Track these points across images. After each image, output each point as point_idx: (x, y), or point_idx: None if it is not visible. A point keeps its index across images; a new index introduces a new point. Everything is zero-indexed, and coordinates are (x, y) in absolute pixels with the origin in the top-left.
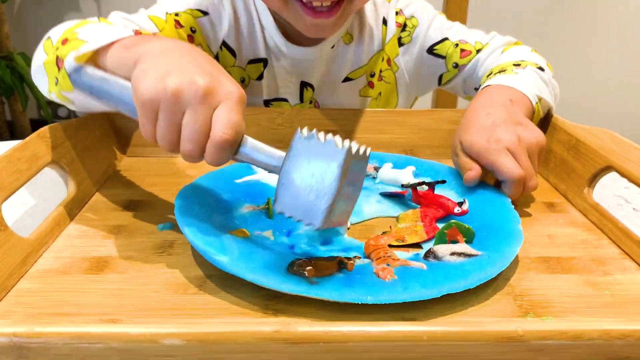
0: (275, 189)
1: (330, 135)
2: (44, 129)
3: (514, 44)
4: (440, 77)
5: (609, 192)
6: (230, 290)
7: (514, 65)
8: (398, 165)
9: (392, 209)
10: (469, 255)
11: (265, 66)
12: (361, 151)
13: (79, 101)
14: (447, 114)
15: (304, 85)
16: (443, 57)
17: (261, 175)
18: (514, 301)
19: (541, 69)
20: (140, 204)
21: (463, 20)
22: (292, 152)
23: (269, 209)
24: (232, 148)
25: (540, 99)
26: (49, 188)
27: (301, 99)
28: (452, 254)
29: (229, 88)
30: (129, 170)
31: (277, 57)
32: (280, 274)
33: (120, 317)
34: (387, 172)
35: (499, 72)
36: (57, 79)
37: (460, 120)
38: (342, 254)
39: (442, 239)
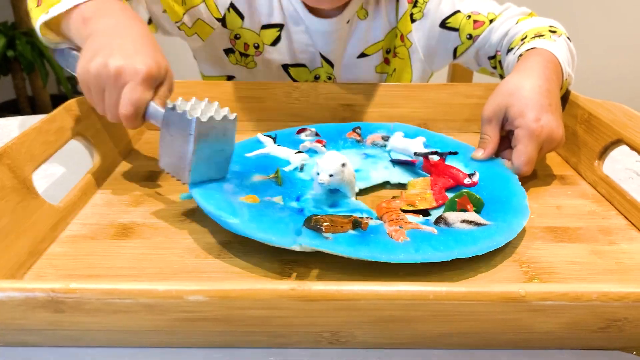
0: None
1: (192, 103)
2: (70, 102)
3: (528, 15)
4: (455, 50)
5: (620, 165)
6: (249, 255)
7: (550, 31)
8: (408, 135)
9: (400, 175)
10: (479, 224)
11: (281, 31)
12: (221, 114)
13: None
14: (461, 88)
15: (322, 56)
16: (456, 30)
17: (271, 149)
18: (520, 268)
19: (569, 39)
20: (162, 175)
21: None
22: (164, 121)
23: (279, 177)
24: (136, 118)
25: (568, 76)
26: (75, 159)
27: (321, 65)
28: (463, 221)
29: (136, 67)
30: (150, 143)
31: (296, 23)
32: (290, 233)
33: (146, 279)
34: (398, 140)
35: (537, 36)
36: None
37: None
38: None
39: (452, 206)
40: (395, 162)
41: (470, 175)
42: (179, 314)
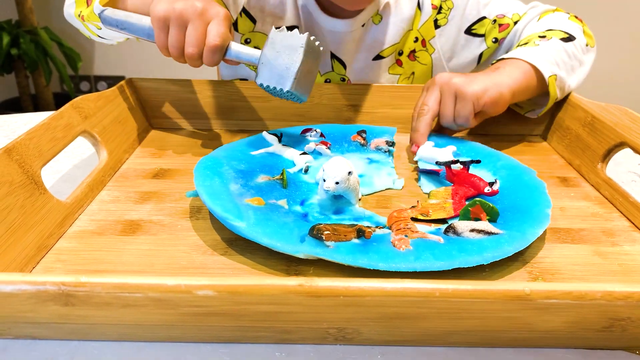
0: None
1: (296, 30)
2: (77, 100)
3: (551, 12)
4: (480, 55)
5: (624, 168)
6: (255, 252)
7: (539, 37)
8: (439, 145)
9: (402, 182)
10: (489, 233)
11: None
12: (317, 43)
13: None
14: None
15: (333, 57)
16: (482, 36)
17: (276, 148)
18: (524, 268)
19: (570, 38)
20: (168, 173)
21: None
22: (269, 42)
23: (284, 179)
24: (221, 51)
25: (555, 76)
26: (82, 156)
27: (332, 69)
28: (472, 230)
29: (218, 9)
30: (155, 141)
31: (310, 26)
32: (295, 240)
33: (153, 275)
34: (427, 150)
35: (523, 44)
36: (84, 14)
37: None
38: (353, 223)
39: (466, 215)
40: (422, 172)
41: (491, 184)
42: (188, 309)
